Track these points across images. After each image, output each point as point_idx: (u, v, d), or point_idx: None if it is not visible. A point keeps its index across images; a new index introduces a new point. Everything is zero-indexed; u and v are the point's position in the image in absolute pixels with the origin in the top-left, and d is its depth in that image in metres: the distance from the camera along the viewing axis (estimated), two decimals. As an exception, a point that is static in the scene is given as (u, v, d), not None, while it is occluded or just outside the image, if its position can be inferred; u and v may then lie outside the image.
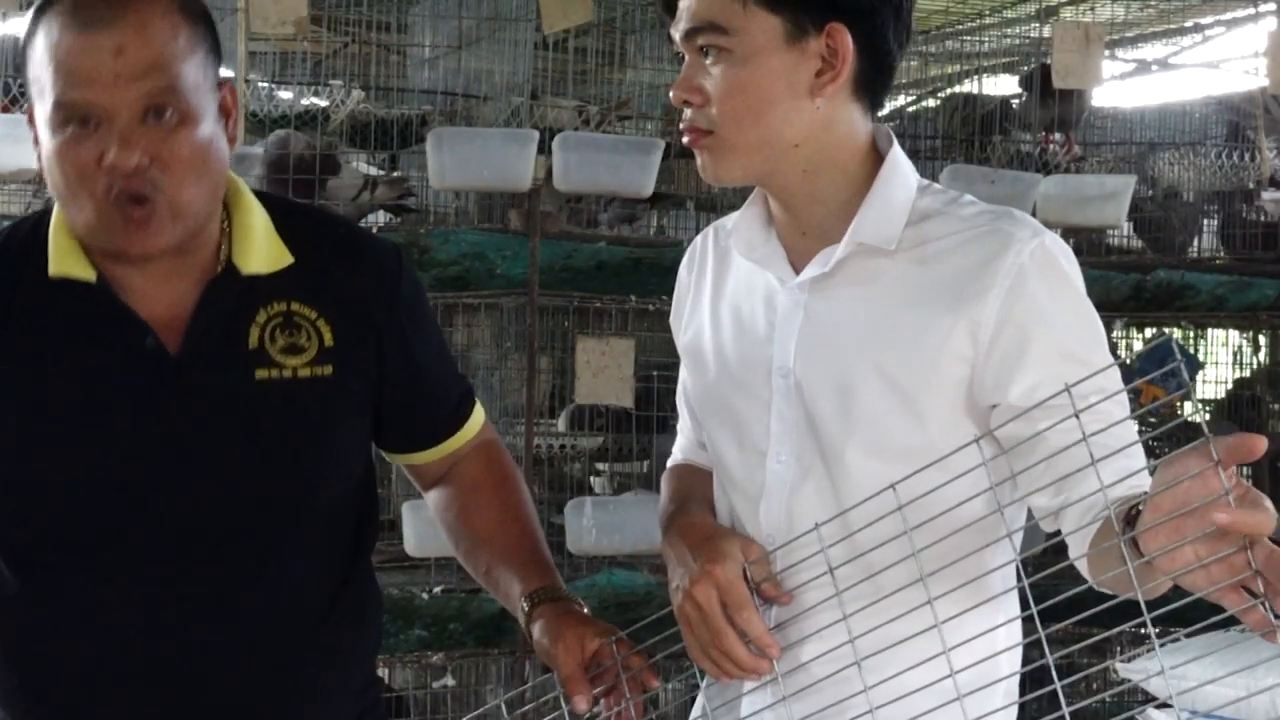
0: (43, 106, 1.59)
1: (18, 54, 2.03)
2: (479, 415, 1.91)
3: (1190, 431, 4.71)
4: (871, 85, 1.60)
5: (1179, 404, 4.89)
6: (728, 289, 1.73)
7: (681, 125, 1.62)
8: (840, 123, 1.59)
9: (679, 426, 1.89)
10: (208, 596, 1.66)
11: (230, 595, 1.67)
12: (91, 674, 1.66)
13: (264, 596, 1.69)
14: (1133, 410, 1.49)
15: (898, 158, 1.62)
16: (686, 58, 1.60)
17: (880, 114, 1.67)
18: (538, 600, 1.73)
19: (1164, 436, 3.70)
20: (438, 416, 1.87)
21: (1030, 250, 1.54)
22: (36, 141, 1.64)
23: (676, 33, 1.60)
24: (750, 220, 1.68)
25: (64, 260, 1.65)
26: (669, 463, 1.89)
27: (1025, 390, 1.52)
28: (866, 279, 1.59)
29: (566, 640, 1.65)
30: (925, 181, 1.64)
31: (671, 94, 1.61)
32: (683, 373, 1.82)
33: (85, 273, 1.64)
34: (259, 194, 1.76)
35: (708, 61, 1.58)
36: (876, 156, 1.63)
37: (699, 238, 1.81)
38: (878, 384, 1.57)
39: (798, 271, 1.64)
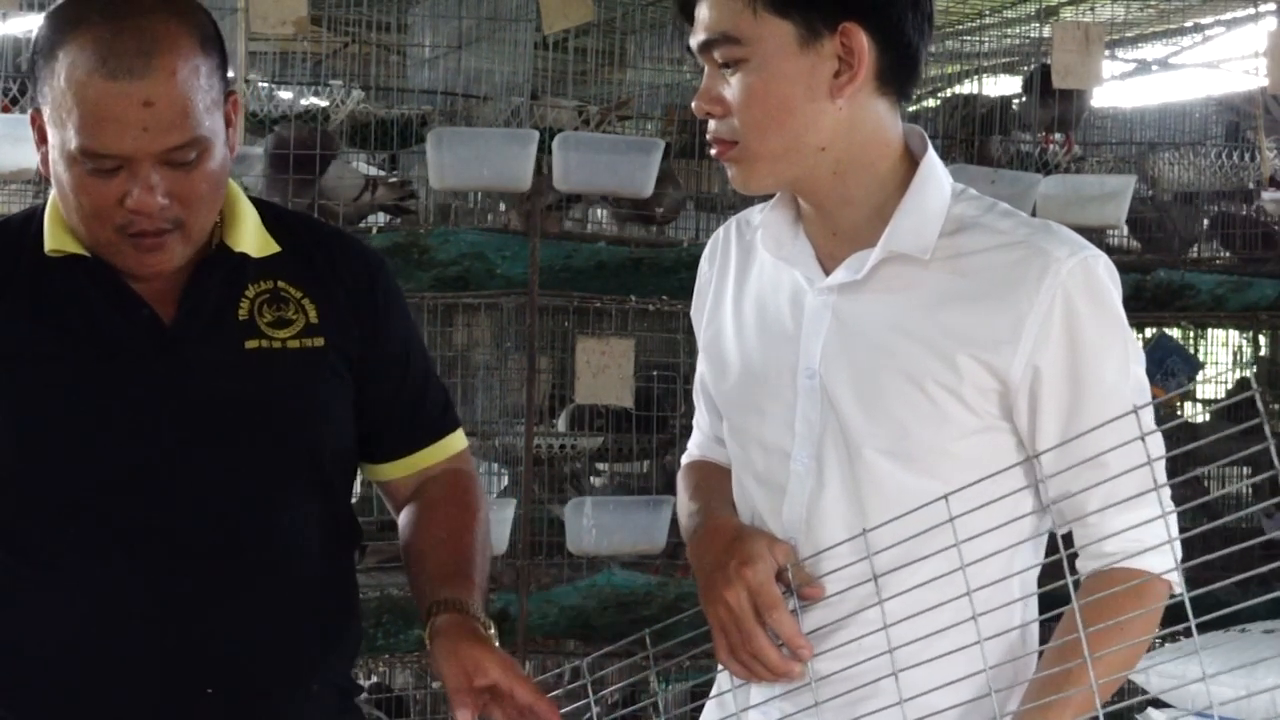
0: (61, 134, 1.60)
1: (18, 54, 2.03)
2: (460, 440, 1.90)
3: (1189, 432, 4.70)
4: (895, 79, 1.58)
5: (1179, 403, 4.89)
6: (751, 284, 1.71)
7: (708, 136, 1.61)
8: (865, 121, 1.58)
9: (695, 421, 1.88)
10: (205, 564, 1.67)
11: (229, 562, 1.68)
12: (87, 645, 1.66)
13: (259, 562, 1.70)
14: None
15: (932, 162, 1.60)
16: (706, 68, 1.59)
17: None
18: (435, 610, 1.70)
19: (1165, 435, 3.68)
20: (417, 420, 1.86)
21: (1068, 269, 1.53)
22: (42, 142, 1.65)
23: (694, 44, 1.59)
24: (778, 218, 1.66)
25: (59, 238, 1.68)
26: (684, 458, 1.88)
27: (1056, 418, 1.54)
28: (898, 286, 1.58)
29: (453, 667, 1.63)
30: (960, 186, 1.63)
31: (694, 105, 1.60)
32: (700, 366, 1.81)
33: (79, 249, 1.68)
34: (253, 199, 1.79)
35: (726, 71, 1.56)
36: (910, 158, 1.61)
37: (721, 230, 1.80)
38: (904, 390, 1.56)
39: (826, 271, 1.63)
